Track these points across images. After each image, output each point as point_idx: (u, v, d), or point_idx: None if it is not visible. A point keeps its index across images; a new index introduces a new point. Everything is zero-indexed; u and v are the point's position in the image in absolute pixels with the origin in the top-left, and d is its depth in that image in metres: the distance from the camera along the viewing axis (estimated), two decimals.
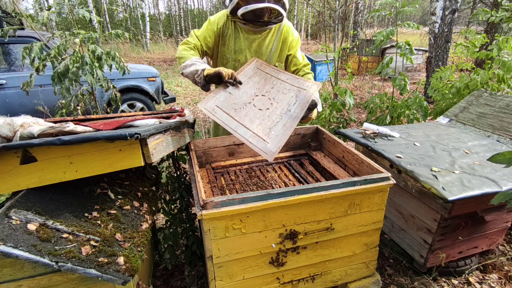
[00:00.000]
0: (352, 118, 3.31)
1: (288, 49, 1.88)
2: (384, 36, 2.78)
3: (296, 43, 1.89)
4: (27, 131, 1.17)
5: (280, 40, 1.82)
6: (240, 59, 1.81)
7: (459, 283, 1.75)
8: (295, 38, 1.88)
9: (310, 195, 1.22)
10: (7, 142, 1.16)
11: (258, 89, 1.57)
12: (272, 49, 1.81)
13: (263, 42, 1.80)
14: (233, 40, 1.78)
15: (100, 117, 1.74)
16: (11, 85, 3.83)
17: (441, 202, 1.50)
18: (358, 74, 9.03)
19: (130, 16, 20.86)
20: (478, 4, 7.94)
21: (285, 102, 1.51)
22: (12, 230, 0.97)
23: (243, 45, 1.78)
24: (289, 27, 1.84)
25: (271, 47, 1.81)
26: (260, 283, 1.36)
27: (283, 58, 1.88)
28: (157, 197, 1.64)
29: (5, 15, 3.81)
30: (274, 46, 1.82)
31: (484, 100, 2.37)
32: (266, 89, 1.58)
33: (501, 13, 2.85)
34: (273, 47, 1.81)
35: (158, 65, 11.65)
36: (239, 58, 1.81)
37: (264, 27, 1.74)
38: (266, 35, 1.79)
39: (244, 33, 1.77)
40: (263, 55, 1.83)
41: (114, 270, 1.02)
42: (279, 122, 1.42)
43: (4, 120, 1.18)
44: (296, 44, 1.90)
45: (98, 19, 2.62)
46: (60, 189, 1.24)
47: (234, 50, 1.79)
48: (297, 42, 1.90)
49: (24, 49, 2.28)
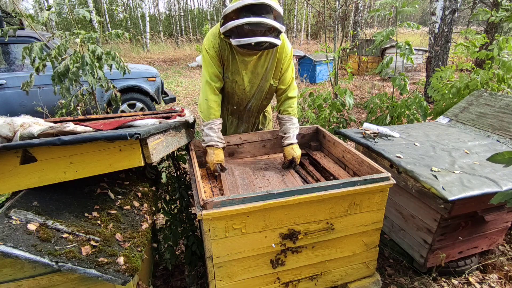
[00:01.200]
0: (352, 118, 3.32)
1: (281, 67, 1.78)
2: (384, 36, 2.78)
3: (289, 58, 1.78)
4: (27, 131, 1.17)
5: (275, 58, 1.73)
6: (237, 80, 1.75)
7: (459, 283, 1.75)
8: (289, 53, 1.77)
9: (310, 195, 1.22)
10: (7, 142, 1.16)
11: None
12: (267, 67, 1.73)
13: (258, 61, 1.72)
14: (230, 62, 1.72)
15: (100, 117, 1.74)
16: (11, 85, 3.82)
17: (441, 202, 1.50)
18: (358, 74, 9.03)
19: (130, 16, 20.86)
20: (478, 4, 7.94)
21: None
22: (12, 230, 0.97)
23: (240, 66, 1.71)
24: (284, 42, 1.73)
25: (267, 65, 1.73)
26: (260, 283, 1.36)
27: (277, 75, 1.78)
28: (157, 197, 1.64)
29: (5, 15, 3.81)
30: (269, 65, 1.73)
31: (484, 100, 2.37)
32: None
33: (501, 13, 2.85)
34: (268, 65, 1.73)
35: (158, 65, 11.65)
36: (236, 79, 1.74)
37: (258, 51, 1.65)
38: (261, 54, 1.70)
39: (239, 55, 1.69)
40: (259, 74, 1.75)
41: (114, 270, 1.02)
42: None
43: (4, 120, 1.19)
44: (289, 60, 1.78)
45: (98, 19, 2.62)
46: (60, 189, 1.24)
47: (231, 71, 1.73)
48: (290, 57, 1.78)
49: (24, 49, 2.28)
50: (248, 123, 2.01)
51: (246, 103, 1.85)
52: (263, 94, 1.81)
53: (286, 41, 1.74)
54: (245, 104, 1.86)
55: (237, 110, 1.91)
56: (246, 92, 1.78)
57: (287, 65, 1.77)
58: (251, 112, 1.92)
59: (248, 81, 1.75)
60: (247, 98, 1.82)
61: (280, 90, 1.82)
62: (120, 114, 1.82)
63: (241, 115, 1.94)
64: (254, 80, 1.76)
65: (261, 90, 1.79)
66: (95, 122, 1.47)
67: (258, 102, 1.86)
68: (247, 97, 1.82)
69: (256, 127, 2.09)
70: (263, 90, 1.79)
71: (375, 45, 3.09)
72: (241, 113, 1.93)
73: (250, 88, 1.77)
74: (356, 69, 9.23)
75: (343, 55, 9.69)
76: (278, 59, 1.73)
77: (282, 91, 1.81)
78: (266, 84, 1.78)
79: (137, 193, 1.48)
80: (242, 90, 1.78)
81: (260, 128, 2.10)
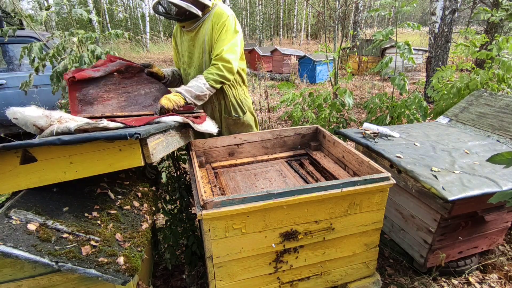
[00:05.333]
0: (352, 118, 3.32)
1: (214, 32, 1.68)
2: (384, 36, 2.78)
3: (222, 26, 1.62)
4: (64, 125, 1.19)
5: (210, 28, 1.64)
6: (186, 61, 1.83)
7: (459, 283, 1.75)
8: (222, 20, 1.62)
9: (310, 195, 1.22)
10: (40, 132, 1.20)
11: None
12: (204, 41, 1.66)
13: (196, 37, 1.70)
14: (180, 45, 1.80)
15: (126, 114, 1.72)
16: (11, 85, 3.82)
17: (441, 202, 1.50)
18: (358, 74, 9.03)
19: (130, 16, 20.86)
20: (478, 4, 7.94)
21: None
22: (12, 230, 0.97)
23: (186, 45, 1.77)
24: (221, 12, 1.63)
25: (202, 39, 1.67)
26: (260, 283, 1.36)
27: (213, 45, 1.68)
28: (157, 197, 1.64)
29: (5, 15, 3.81)
30: (206, 38, 1.66)
31: (484, 100, 2.37)
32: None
33: (501, 12, 2.85)
34: (205, 39, 1.66)
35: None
36: (185, 60, 1.83)
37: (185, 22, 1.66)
38: (198, 30, 1.66)
39: (184, 34, 1.74)
40: (199, 47, 1.69)
41: (114, 270, 1.02)
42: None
43: (43, 112, 1.22)
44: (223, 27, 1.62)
45: (97, 19, 2.62)
46: (60, 189, 1.24)
47: (182, 53, 1.80)
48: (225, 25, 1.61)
49: (23, 49, 2.28)
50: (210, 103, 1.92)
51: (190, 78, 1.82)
52: (203, 66, 1.79)
53: (224, 9, 1.67)
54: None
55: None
56: (188, 66, 1.83)
57: (219, 32, 1.63)
58: None
59: (187, 56, 1.80)
60: (194, 73, 1.83)
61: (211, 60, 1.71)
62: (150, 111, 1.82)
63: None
64: (196, 55, 1.77)
65: (200, 62, 1.78)
66: (126, 119, 1.47)
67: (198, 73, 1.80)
68: (194, 73, 1.83)
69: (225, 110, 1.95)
70: (202, 62, 1.78)
71: (374, 45, 3.09)
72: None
73: (189, 60, 1.81)
74: (356, 69, 9.23)
75: (343, 55, 9.69)
76: (213, 28, 1.66)
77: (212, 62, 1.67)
78: (206, 56, 1.74)
79: (137, 193, 1.48)
80: (186, 66, 1.83)
81: (233, 115, 1.97)
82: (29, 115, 1.20)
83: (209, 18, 1.69)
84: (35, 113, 1.21)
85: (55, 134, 1.17)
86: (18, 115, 1.19)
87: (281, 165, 1.87)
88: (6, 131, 3.62)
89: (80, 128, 1.19)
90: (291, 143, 2.00)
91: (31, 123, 1.21)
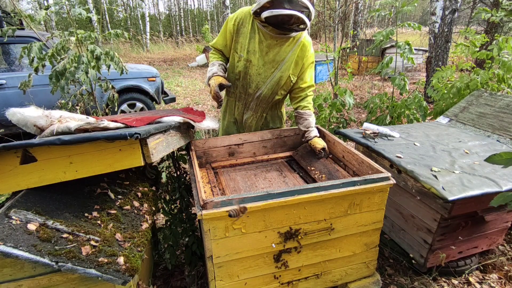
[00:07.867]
0: (352, 118, 3.32)
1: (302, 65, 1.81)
2: (384, 36, 2.78)
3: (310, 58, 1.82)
4: (64, 125, 1.19)
5: (295, 53, 1.75)
6: (252, 60, 1.75)
7: (459, 283, 1.75)
8: (311, 54, 1.81)
9: (310, 195, 1.22)
10: (40, 132, 1.20)
11: None
12: (285, 59, 1.74)
13: (278, 49, 1.73)
14: (247, 39, 1.72)
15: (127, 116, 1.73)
16: (11, 85, 3.82)
17: (441, 202, 1.50)
18: (358, 74, 9.03)
19: (130, 16, 20.86)
20: (478, 4, 7.94)
21: None
22: (12, 230, 0.97)
23: (258, 47, 1.72)
24: (309, 44, 1.78)
25: (285, 56, 1.74)
26: (260, 283, 1.36)
27: (297, 72, 1.80)
28: (157, 197, 1.64)
29: (5, 15, 3.81)
30: (287, 57, 1.74)
31: (484, 100, 2.36)
32: None
33: (501, 12, 2.85)
34: (286, 58, 1.74)
35: (158, 65, 11.64)
36: (251, 59, 1.75)
37: (284, 35, 1.67)
38: (282, 43, 1.72)
39: (261, 35, 1.70)
40: (276, 63, 1.75)
41: (114, 270, 1.02)
42: None
43: (42, 112, 1.22)
44: (310, 60, 1.82)
45: (97, 17, 2.62)
46: (60, 189, 1.24)
47: (248, 49, 1.73)
48: (312, 58, 1.83)
49: (23, 49, 2.28)
50: (255, 111, 1.94)
51: (256, 88, 1.82)
52: (276, 85, 1.80)
53: (311, 44, 1.81)
54: (255, 90, 1.83)
55: (245, 95, 1.88)
56: (258, 75, 1.78)
57: (308, 65, 1.82)
58: (260, 101, 1.88)
59: (262, 64, 1.76)
60: (258, 82, 1.80)
61: (299, 88, 1.85)
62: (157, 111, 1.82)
63: (248, 101, 1.90)
64: (268, 66, 1.76)
65: (275, 79, 1.78)
66: (127, 118, 1.47)
67: (269, 92, 1.83)
68: (258, 82, 1.80)
69: (264, 122, 2.03)
70: (277, 80, 1.78)
71: (374, 45, 3.09)
72: (249, 99, 1.89)
73: (263, 71, 1.77)
74: (356, 69, 9.23)
75: (343, 55, 9.69)
76: (299, 56, 1.77)
77: (302, 89, 1.85)
78: (282, 75, 1.78)
79: (137, 193, 1.48)
80: (255, 72, 1.78)
81: (270, 126, 2.05)
82: (29, 116, 1.20)
83: (296, 42, 1.75)
84: (35, 113, 1.21)
85: (55, 134, 1.18)
86: (18, 116, 1.19)
87: (281, 165, 1.87)
88: (6, 131, 3.62)
89: (81, 127, 1.19)
90: (291, 143, 2.00)
91: (32, 124, 1.21)
